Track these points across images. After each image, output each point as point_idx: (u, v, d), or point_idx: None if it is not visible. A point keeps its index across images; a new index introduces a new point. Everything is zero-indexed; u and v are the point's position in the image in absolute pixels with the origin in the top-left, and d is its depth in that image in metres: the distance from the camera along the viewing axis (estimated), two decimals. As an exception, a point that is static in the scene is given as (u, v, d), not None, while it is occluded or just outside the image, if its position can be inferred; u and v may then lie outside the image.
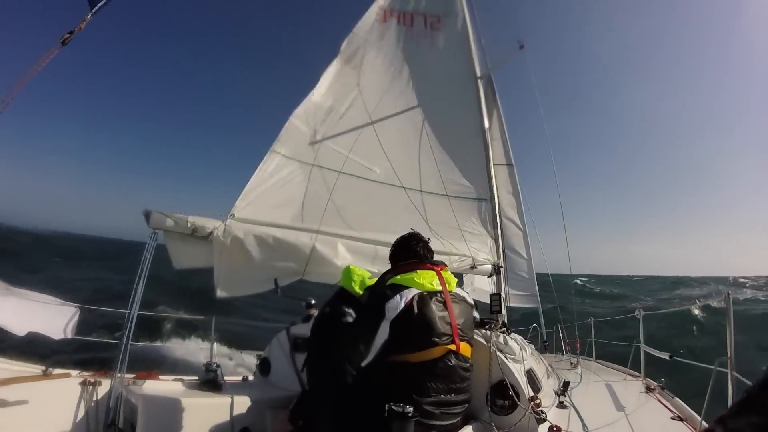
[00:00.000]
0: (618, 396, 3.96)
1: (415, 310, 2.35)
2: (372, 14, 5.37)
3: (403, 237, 2.89)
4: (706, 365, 2.49)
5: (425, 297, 2.43)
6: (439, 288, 2.54)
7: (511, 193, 6.06)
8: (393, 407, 2.02)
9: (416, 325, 2.34)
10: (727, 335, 2.39)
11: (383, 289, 2.48)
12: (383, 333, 2.31)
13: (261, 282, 3.73)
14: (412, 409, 2.04)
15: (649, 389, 4.23)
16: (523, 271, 5.66)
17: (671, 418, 3.20)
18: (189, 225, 3.39)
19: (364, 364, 2.27)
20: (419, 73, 5.43)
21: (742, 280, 53.80)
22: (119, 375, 2.88)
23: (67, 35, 2.63)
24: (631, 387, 4.43)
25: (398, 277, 2.54)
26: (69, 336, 3.09)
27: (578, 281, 37.36)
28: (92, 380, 2.99)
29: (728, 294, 2.53)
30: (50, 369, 2.92)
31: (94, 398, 2.91)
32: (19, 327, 2.81)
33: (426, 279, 2.52)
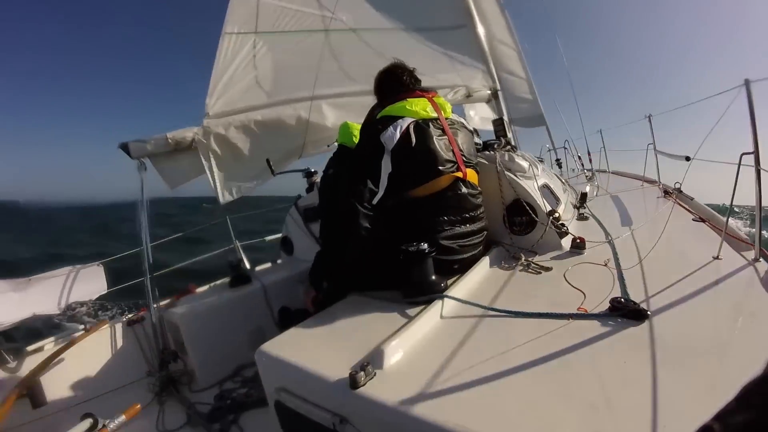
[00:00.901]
0: (636, 203, 3.88)
1: (413, 139, 2.16)
2: None
3: (385, 68, 2.59)
4: (729, 162, 2.25)
5: (421, 125, 2.23)
6: (434, 114, 2.33)
7: (497, 11, 5.45)
8: (408, 249, 1.94)
9: (417, 155, 2.17)
10: (750, 128, 2.13)
11: (375, 123, 2.26)
12: (386, 166, 2.14)
13: (259, 173, 3.61)
14: (427, 245, 1.95)
15: (666, 193, 4.13)
16: (524, 92, 5.33)
17: (693, 220, 3.12)
18: (170, 141, 3.23)
19: (375, 201, 2.12)
20: None
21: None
22: (154, 305, 2.95)
23: None
24: (648, 193, 4.33)
25: (387, 108, 2.30)
26: (104, 292, 3.17)
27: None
28: (135, 317, 3.09)
29: (747, 80, 2.19)
30: (89, 325, 2.99)
31: (142, 333, 3.01)
32: (55, 305, 2.88)
33: (419, 106, 2.29)
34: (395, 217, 2.19)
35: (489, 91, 4.33)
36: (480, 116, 5.54)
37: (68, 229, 32.17)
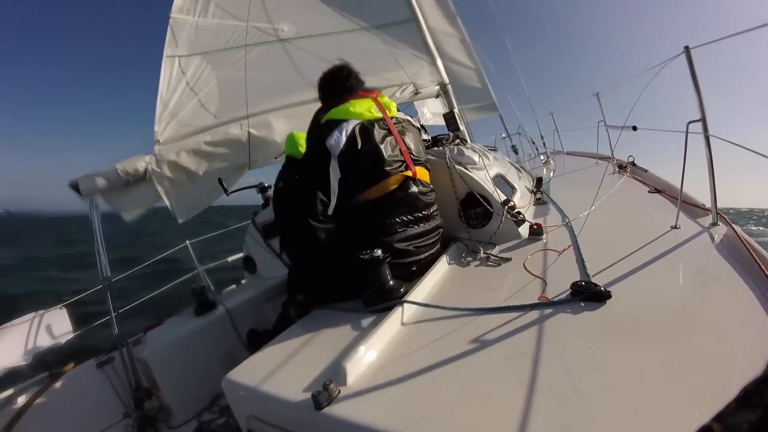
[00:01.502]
0: (592, 181, 3.93)
1: (359, 142, 2.14)
2: None
3: (327, 71, 2.56)
4: (676, 130, 2.30)
5: (366, 126, 2.21)
6: (379, 115, 2.31)
7: (437, 2, 5.47)
8: (361, 256, 1.91)
9: (363, 157, 2.15)
10: (695, 95, 2.16)
11: (320, 128, 2.23)
12: (335, 172, 2.12)
13: (213, 191, 3.58)
14: (380, 251, 1.93)
15: (621, 168, 4.23)
16: (473, 80, 5.38)
17: (648, 192, 3.18)
18: (121, 174, 3.16)
19: (330, 212, 2.11)
20: None
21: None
22: (122, 343, 2.86)
23: None
24: (603, 169, 4.40)
25: (331, 111, 2.27)
26: (72, 335, 3.08)
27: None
28: (104, 359, 3.00)
29: (686, 48, 2.23)
30: (54, 370, 2.89)
31: (113, 373, 2.92)
32: (21, 356, 2.78)
33: (363, 107, 2.27)
34: (349, 224, 2.18)
35: (437, 86, 4.36)
36: (432, 112, 5.59)
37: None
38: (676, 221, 2.24)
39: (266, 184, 3.77)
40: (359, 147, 2.15)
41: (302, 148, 2.59)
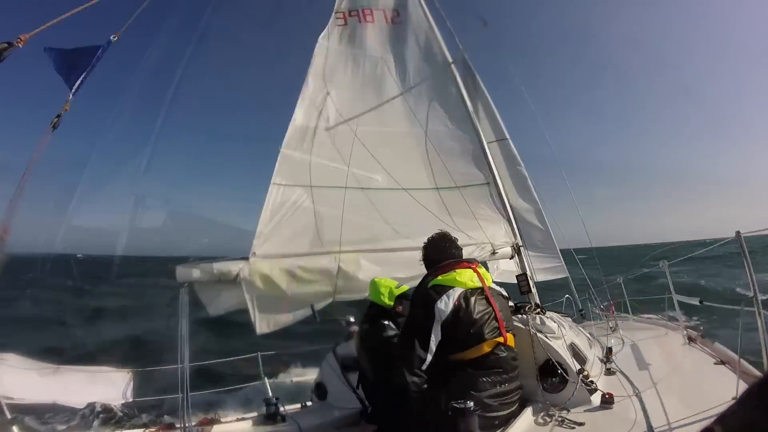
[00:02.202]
0: (661, 352, 4.06)
1: (463, 309, 2.46)
2: (333, 24, 5.33)
3: (433, 239, 2.98)
4: (733, 306, 2.63)
5: (469, 295, 2.53)
6: (480, 284, 2.65)
7: (514, 167, 6.00)
8: (455, 405, 2.11)
9: (466, 323, 2.45)
10: (748, 275, 2.47)
11: (428, 292, 2.57)
12: (436, 334, 2.42)
13: (296, 310, 3.82)
14: (472, 404, 2.12)
15: (690, 339, 4.28)
16: (543, 243, 5.61)
17: (714, 364, 3.29)
18: (215, 272, 3.50)
19: (424, 367, 2.38)
20: (394, 70, 5.40)
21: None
22: (186, 425, 2.95)
23: (56, 119, 2.76)
24: (672, 340, 4.52)
25: (439, 278, 2.62)
26: (129, 399, 3.21)
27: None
28: None
29: (738, 233, 2.57)
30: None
31: None
32: (78, 399, 2.95)
33: (466, 277, 2.61)
34: (440, 376, 2.42)
35: (511, 247, 4.59)
36: (501, 269, 5.77)
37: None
38: (736, 392, 2.35)
39: (351, 319, 3.95)
40: (463, 312, 2.45)
41: (384, 297, 3.02)
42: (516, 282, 4.25)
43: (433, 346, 2.39)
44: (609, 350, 3.79)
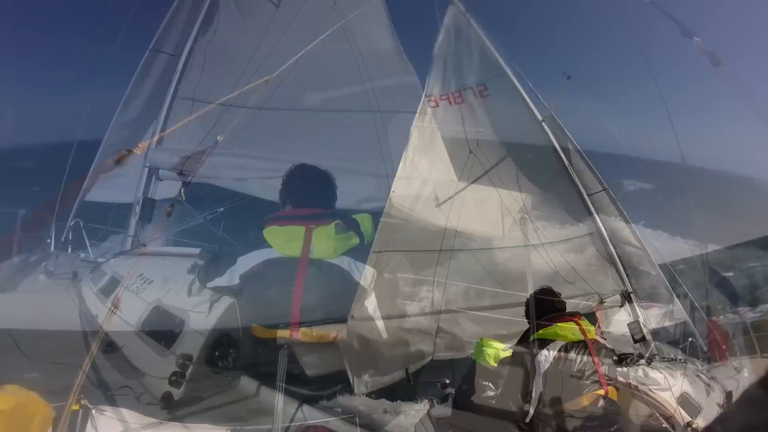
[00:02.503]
0: None
1: (563, 362, 2.65)
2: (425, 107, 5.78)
3: (535, 294, 3.20)
4: None
5: (570, 348, 2.73)
6: (581, 337, 2.82)
7: (616, 215, 6.02)
8: None
9: (565, 375, 2.63)
10: None
11: (529, 347, 2.80)
12: (538, 386, 2.60)
13: (392, 371, 3.96)
14: None
15: None
16: (654, 288, 5.47)
17: None
18: (314, 334, 3.62)
19: (527, 419, 2.57)
20: (488, 142, 5.78)
21: None
22: None
23: (126, 152, 2.73)
24: None
25: (541, 332, 2.83)
26: None
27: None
28: None
29: None
30: None
31: None
32: None
33: (567, 331, 2.81)
34: (541, 428, 2.58)
35: (621, 295, 4.64)
36: (616, 318, 5.69)
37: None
38: None
39: (447, 381, 3.93)
40: (563, 364, 2.66)
41: (489, 358, 3.03)
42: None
43: (535, 398, 2.57)
44: (728, 395, 3.52)
